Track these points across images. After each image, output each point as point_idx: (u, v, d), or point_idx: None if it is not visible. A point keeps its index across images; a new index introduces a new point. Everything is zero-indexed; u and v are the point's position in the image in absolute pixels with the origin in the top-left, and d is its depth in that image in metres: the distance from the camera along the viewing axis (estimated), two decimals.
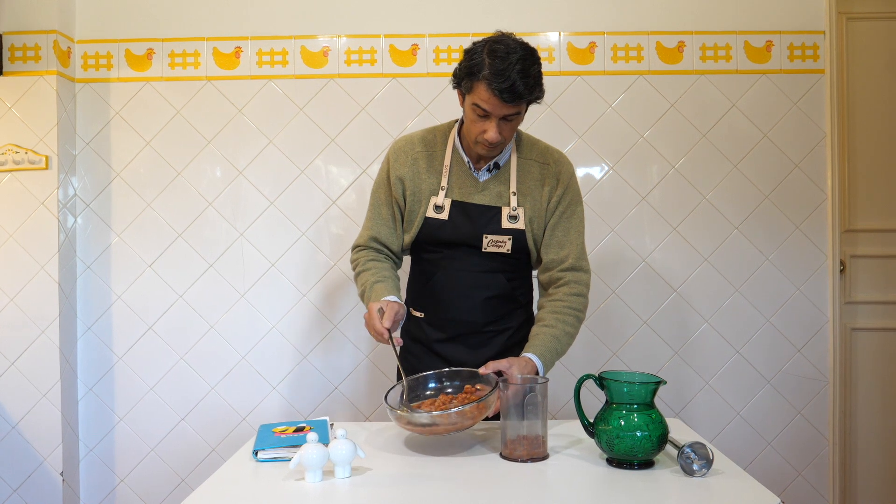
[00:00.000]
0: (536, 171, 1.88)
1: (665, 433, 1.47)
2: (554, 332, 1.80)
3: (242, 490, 1.39)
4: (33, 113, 2.68)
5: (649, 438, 1.45)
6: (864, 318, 2.87)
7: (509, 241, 1.83)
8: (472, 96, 1.72)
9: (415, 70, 2.79)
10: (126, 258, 2.81)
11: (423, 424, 1.53)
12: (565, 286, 1.86)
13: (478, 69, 1.68)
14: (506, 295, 1.90)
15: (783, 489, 2.78)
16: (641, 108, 2.78)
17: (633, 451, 1.45)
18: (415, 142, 1.92)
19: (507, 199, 1.85)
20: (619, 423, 1.46)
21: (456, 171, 1.87)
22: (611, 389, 1.51)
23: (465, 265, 1.86)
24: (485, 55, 1.68)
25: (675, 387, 2.78)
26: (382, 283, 1.84)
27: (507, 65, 1.65)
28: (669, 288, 2.80)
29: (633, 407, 1.47)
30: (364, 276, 1.88)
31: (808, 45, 2.77)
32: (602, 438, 1.49)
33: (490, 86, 1.66)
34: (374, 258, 1.91)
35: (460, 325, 1.88)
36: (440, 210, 1.85)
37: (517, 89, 1.66)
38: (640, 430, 1.45)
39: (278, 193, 2.80)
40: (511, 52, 1.68)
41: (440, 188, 1.86)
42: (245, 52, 2.80)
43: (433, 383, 1.75)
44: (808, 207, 2.79)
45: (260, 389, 2.81)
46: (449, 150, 1.88)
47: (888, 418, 2.86)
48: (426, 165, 1.88)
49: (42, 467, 2.69)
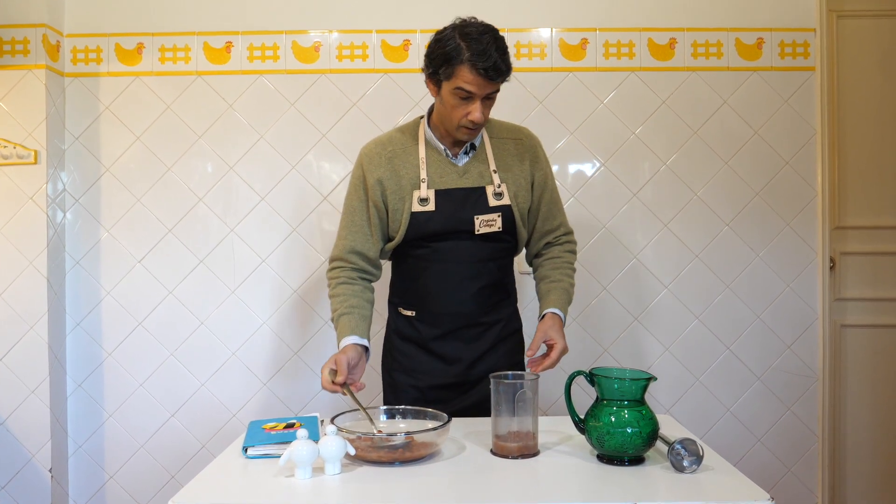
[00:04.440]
0: (511, 147, 1.94)
1: (655, 429, 1.47)
2: (563, 284, 1.93)
3: (232, 486, 1.39)
4: (22, 107, 2.66)
5: (640, 434, 1.45)
6: (854, 315, 2.88)
7: (499, 219, 1.87)
8: (453, 81, 1.74)
9: (406, 66, 2.78)
10: (115, 254, 2.80)
11: (395, 447, 1.49)
12: (559, 245, 2.00)
13: (457, 53, 1.72)
14: (497, 283, 1.93)
15: (773, 485, 2.79)
16: (633, 104, 2.79)
17: (623, 448, 1.45)
18: (384, 142, 1.93)
19: (488, 177, 1.89)
20: (610, 419, 1.46)
21: (433, 162, 1.88)
22: (601, 386, 1.51)
23: (456, 256, 1.87)
24: (459, 40, 1.72)
25: (665, 383, 2.79)
26: (348, 315, 1.83)
27: (486, 44, 1.71)
28: (660, 284, 2.80)
29: (624, 403, 1.48)
30: (333, 302, 1.88)
31: (798, 43, 2.78)
32: (593, 435, 1.49)
33: (475, 66, 1.70)
34: (346, 281, 1.89)
35: (456, 319, 1.89)
36: (425, 202, 1.85)
37: (500, 66, 1.72)
38: (630, 427, 1.45)
39: (269, 189, 2.79)
40: (484, 32, 1.74)
41: (421, 181, 1.86)
42: (236, 47, 2.79)
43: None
44: (798, 204, 2.80)
45: (250, 386, 2.81)
46: (422, 144, 1.89)
47: (877, 414, 2.88)
48: (401, 162, 1.88)
49: (30, 464, 2.67)
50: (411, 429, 1.59)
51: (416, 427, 1.59)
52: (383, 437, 1.50)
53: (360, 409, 1.63)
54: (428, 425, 1.59)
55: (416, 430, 1.52)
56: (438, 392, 1.91)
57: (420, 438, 1.48)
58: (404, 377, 1.96)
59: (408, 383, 1.95)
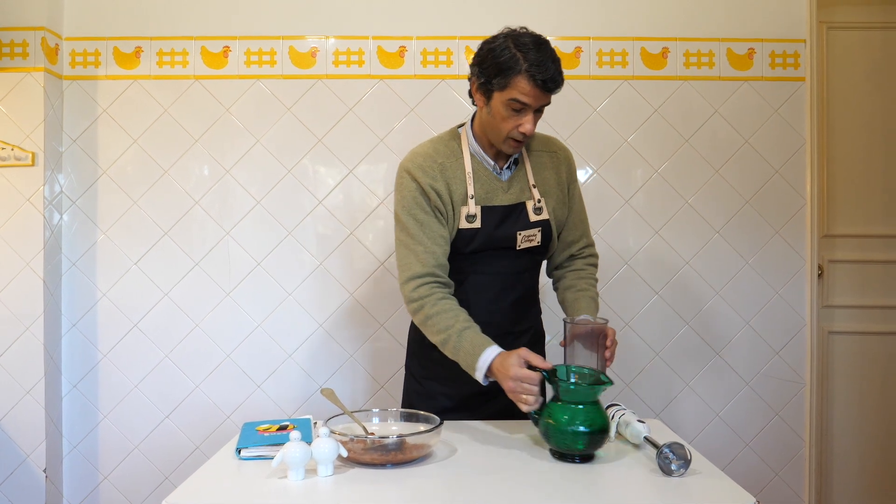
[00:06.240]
0: (547, 160, 1.92)
1: (606, 429, 1.53)
2: (590, 293, 1.94)
3: (225, 488, 1.40)
4: (20, 109, 2.68)
5: (588, 434, 1.51)
6: (842, 322, 2.92)
7: (539, 233, 1.87)
8: (507, 92, 1.69)
9: (402, 72, 2.80)
10: (112, 256, 2.81)
11: (389, 448, 1.51)
12: (582, 259, 2.01)
13: (513, 63, 1.67)
14: (530, 292, 1.94)
15: (760, 489, 2.82)
16: (625, 112, 2.82)
17: (568, 445, 1.52)
18: (431, 154, 1.84)
19: (528, 192, 1.87)
20: (563, 418, 1.52)
21: (479, 177, 1.83)
22: (555, 387, 1.57)
23: (495, 268, 1.86)
24: (515, 50, 1.67)
25: (655, 388, 2.82)
26: (471, 328, 1.72)
27: (544, 55, 1.68)
28: (651, 291, 2.83)
29: (579, 407, 1.53)
30: (441, 319, 1.74)
31: (789, 54, 2.82)
32: (544, 429, 1.56)
33: (533, 78, 1.66)
34: (445, 296, 1.77)
35: (490, 328, 1.77)
36: (472, 219, 1.81)
37: (557, 78, 1.69)
38: (582, 426, 1.51)
39: (265, 193, 2.81)
40: (540, 42, 1.70)
41: (469, 197, 1.81)
42: (233, 52, 2.81)
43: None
44: (787, 213, 2.83)
45: (244, 388, 2.82)
46: (467, 157, 1.83)
47: (864, 420, 2.91)
48: (452, 175, 1.82)
49: (25, 464, 2.68)
50: (403, 431, 1.61)
51: (408, 430, 1.61)
52: (376, 439, 1.52)
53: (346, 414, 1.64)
54: (420, 428, 1.61)
55: (409, 433, 1.54)
56: (471, 399, 1.88)
57: (412, 441, 1.50)
58: (438, 386, 1.92)
59: (441, 392, 1.92)
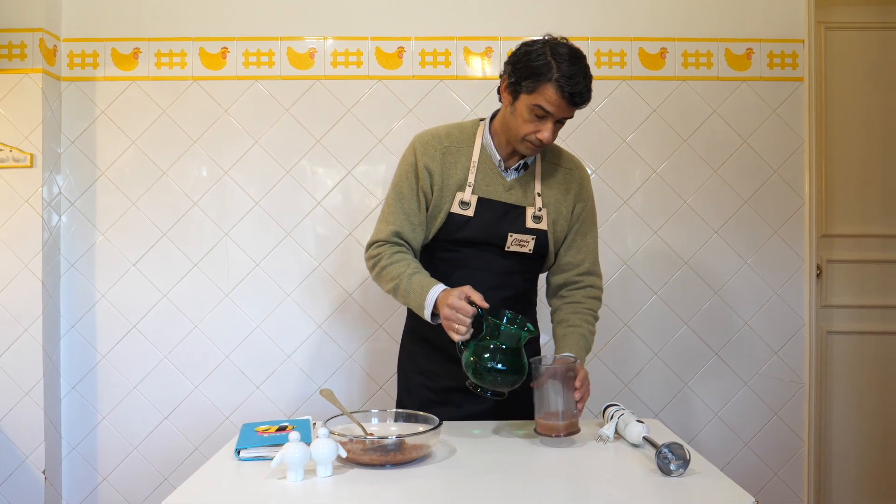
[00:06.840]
0: (560, 175, 1.90)
1: (521, 372, 1.62)
2: (581, 330, 1.86)
3: (224, 489, 1.40)
4: (18, 111, 2.68)
5: (502, 373, 1.59)
6: (840, 322, 2.92)
7: (532, 241, 1.85)
8: (534, 97, 1.70)
9: (400, 73, 2.80)
10: (110, 257, 2.81)
11: (388, 448, 1.50)
12: (582, 290, 1.92)
13: (546, 70, 1.67)
14: (520, 294, 1.91)
15: (759, 489, 2.82)
16: (624, 113, 2.82)
17: (485, 380, 1.60)
18: (441, 136, 1.88)
19: (531, 199, 1.86)
20: (484, 354, 1.61)
21: (483, 169, 1.85)
22: (488, 323, 1.64)
23: (484, 265, 1.86)
24: (550, 57, 1.67)
25: (654, 388, 2.82)
26: (419, 273, 1.78)
27: (578, 69, 1.67)
28: (650, 291, 2.83)
29: (502, 347, 1.61)
30: (394, 268, 1.80)
31: (787, 54, 2.82)
32: (465, 361, 1.63)
33: (561, 89, 1.66)
34: (399, 251, 1.84)
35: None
36: (466, 206, 1.83)
37: (584, 94, 1.69)
38: (500, 365, 1.60)
39: (263, 194, 2.81)
40: (578, 56, 1.70)
41: (467, 184, 1.84)
42: (231, 53, 2.81)
43: None
44: (785, 213, 2.83)
45: (243, 389, 2.82)
46: (477, 147, 1.86)
47: (862, 420, 2.92)
48: (453, 160, 1.85)
49: (24, 466, 2.68)
50: (402, 432, 1.61)
51: (407, 430, 1.61)
52: (375, 439, 1.52)
53: (345, 414, 1.64)
54: (419, 428, 1.61)
55: (408, 433, 1.54)
56: (452, 395, 1.87)
57: (411, 441, 1.50)
58: (419, 378, 1.94)
59: (422, 384, 1.93)
